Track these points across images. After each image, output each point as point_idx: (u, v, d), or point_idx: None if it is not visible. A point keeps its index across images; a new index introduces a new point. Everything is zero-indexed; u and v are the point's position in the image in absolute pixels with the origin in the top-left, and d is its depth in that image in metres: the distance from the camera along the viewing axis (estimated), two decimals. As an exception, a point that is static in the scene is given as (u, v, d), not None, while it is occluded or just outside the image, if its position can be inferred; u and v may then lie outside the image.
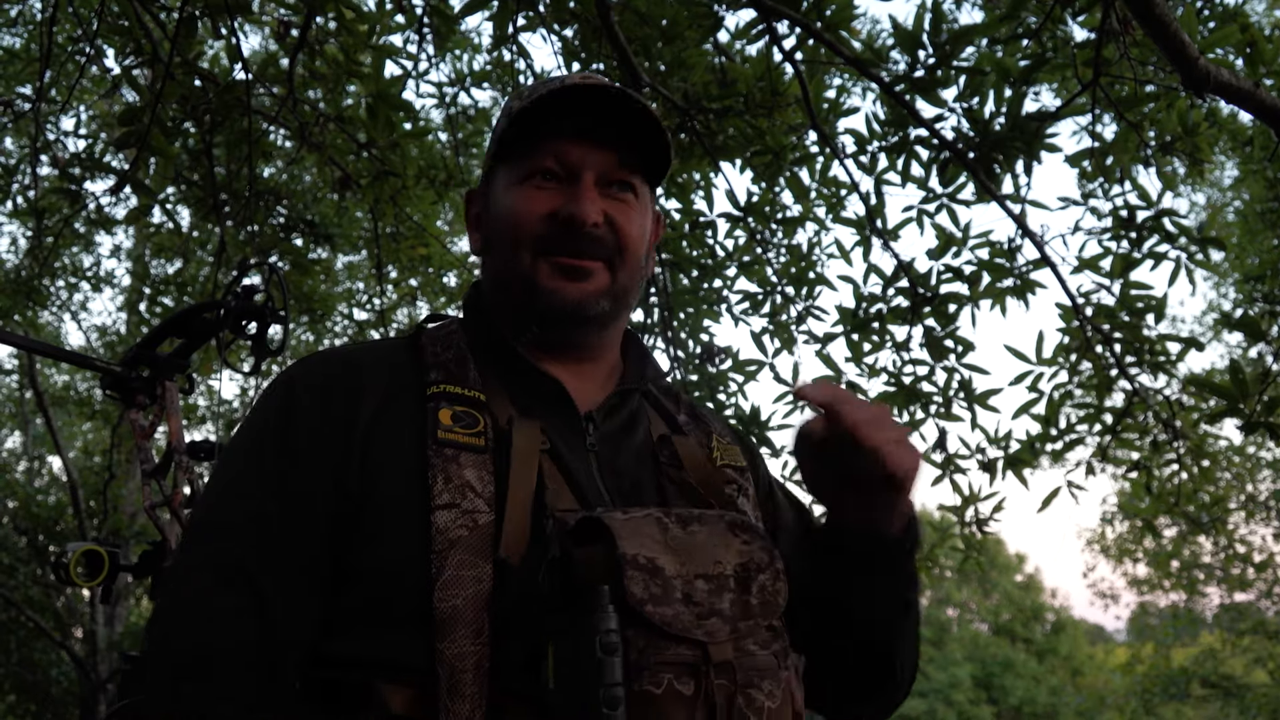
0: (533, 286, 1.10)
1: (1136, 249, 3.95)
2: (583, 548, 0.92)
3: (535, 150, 1.12)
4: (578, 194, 1.10)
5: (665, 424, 1.19)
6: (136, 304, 10.94)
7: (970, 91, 3.57)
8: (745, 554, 0.97)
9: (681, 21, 3.78)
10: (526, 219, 1.10)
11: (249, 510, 1.01)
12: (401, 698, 0.92)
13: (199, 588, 0.98)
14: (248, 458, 1.05)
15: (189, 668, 0.94)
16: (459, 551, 0.95)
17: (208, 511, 1.05)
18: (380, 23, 4.13)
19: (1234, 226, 9.63)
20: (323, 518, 1.00)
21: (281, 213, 5.69)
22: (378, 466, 1.01)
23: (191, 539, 1.05)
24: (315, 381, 1.06)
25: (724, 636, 0.91)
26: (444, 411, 1.03)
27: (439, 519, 0.96)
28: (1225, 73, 2.45)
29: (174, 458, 1.99)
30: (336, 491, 1.00)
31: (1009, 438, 4.39)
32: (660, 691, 0.87)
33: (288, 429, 1.03)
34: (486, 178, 1.20)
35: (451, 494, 0.98)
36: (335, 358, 1.11)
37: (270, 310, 2.09)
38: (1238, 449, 13.58)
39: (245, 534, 0.99)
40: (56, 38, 4.46)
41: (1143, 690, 15.70)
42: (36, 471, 13.70)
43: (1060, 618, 29.28)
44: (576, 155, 1.11)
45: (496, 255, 1.15)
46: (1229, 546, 15.07)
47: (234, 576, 0.97)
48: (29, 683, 9.96)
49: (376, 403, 1.04)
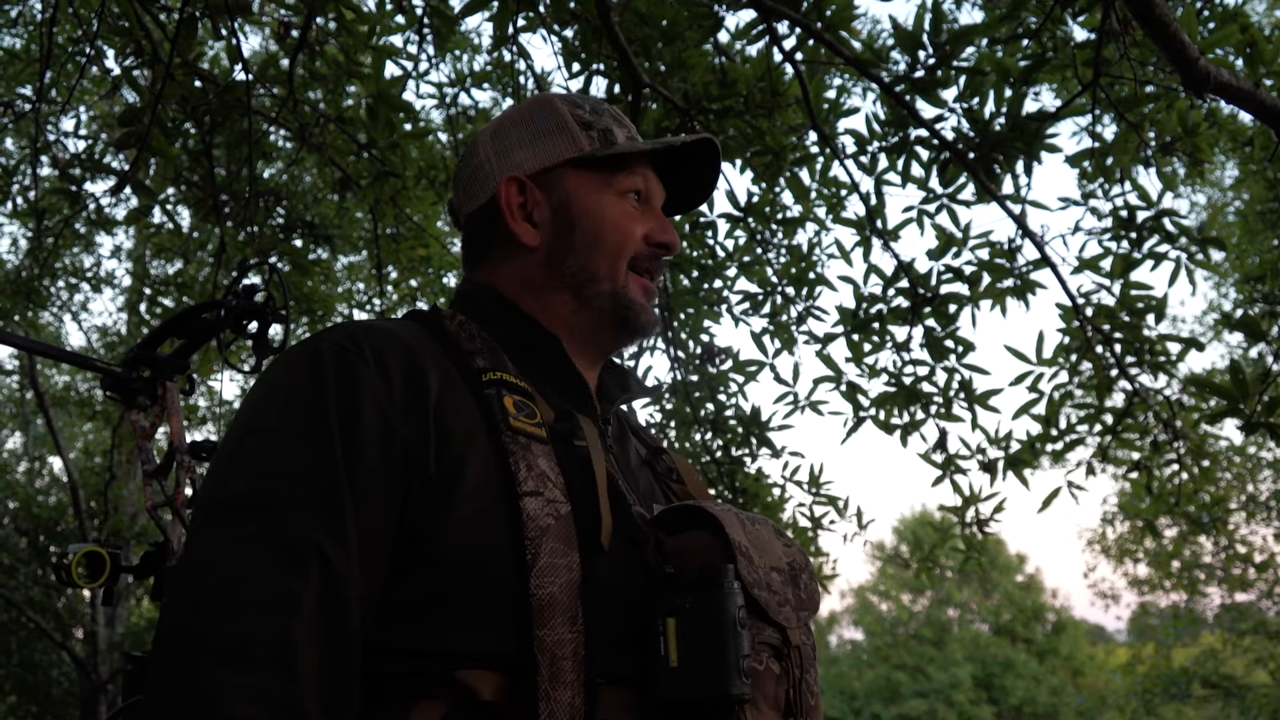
0: (624, 298, 1.15)
1: (1137, 249, 3.95)
2: (686, 532, 0.99)
3: (628, 168, 1.18)
4: (667, 223, 1.20)
5: (638, 439, 1.26)
6: (137, 304, 10.94)
7: (970, 92, 3.57)
8: (790, 554, 1.05)
9: (682, 22, 3.78)
10: (633, 233, 1.16)
11: (315, 486, 0.91)
12: (491, 685, 0.91)
13: (259, 567, 0.87)
14: (306, 429, 0.94)
15: (266, 661, 0.83)
16: (550, 539, 0.94)
17: (257, 482, 0.92)
18: (380, 23, 4.13)
19: (1234, 227, 9.63)
20: (398, 500, 0.94)
21: (281, 213, 5.70)
22: (457, 450, 0.97)
23: (236, 512, 0.90)
24: (371, 355, 0.99)
25: (795, 624, 1.00)
26: (508, 399, 1.03)
27: (528, 506, 0.95)
28: (1225, 73, 2.45)
29: (175, 458, 1.99)
30: (410, 470, 0.95)
31: (1009, 438, 4.39)
32: (762, 668, 0.95)
33: (354, 402, 0.95)
34: (545, 173, 1.17)
35: (535, 482, 0.97)
36: (382, 332, 1.03)
37: (271, 310, 2.09)
38: (1238, 449, 13.58)
39: (314, 510, 0.89)
40: (57, 38, 4.46)
41: (1143, 690, 15.69)
42: (37, 472, 13.70)
43: (1061, 618, 29.26)
44: (655, 186, 1.21)
45: (583, 257, 1.15)
46: (1230, 547, 15.07)
47: (305, 555, 0.87)
48: (30, 684, 9.97)
49: (438, 383, 1.00)
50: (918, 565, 5.67)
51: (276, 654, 0.84)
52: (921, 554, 5.79)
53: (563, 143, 1.17)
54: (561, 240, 1.15)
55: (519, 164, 1.17)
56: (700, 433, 4.84)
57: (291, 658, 0.84)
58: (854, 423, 4.43)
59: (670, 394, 4.81)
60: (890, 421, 4.42)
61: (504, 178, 1.17)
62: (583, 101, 1.21)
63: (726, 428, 4.82)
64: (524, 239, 1.15)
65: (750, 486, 4.77)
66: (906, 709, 25.91)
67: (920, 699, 25.99)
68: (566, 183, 1.16)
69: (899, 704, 26.09)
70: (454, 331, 1.10)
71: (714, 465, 4.77)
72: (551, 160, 1.17)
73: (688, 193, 1.27)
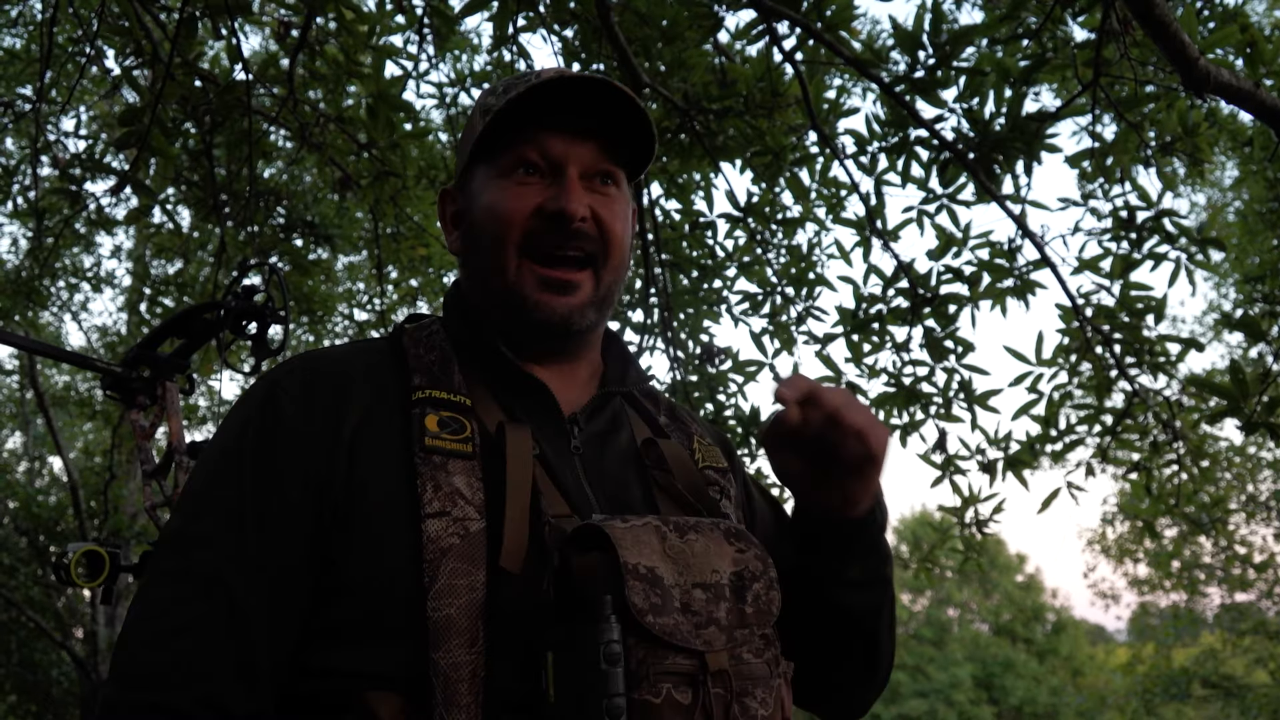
0: (519, 299, 1.08)
1: (1136, 249, 3.95)
2: (583, 555, 0.92)
3: (516, 144, 1.09)
4: (565, 188, 1.07)
5: (647, 426, 1.19)
6: (137, 304, 10.95)
7: (970, 92, 3.57)
8: (740, 562, 0.97)
9: (682, 22, 3.78)
10: (512, 215, 1.08)
11: (226, 520, 0.97)
12: (389, 707, 0.91)
13: (174, 597, 0.94)
14: (226, 465, 1.01)
15: (165, 679, 0.90)
16: (451, 560, 0.93)
17: (183, 521, 1.00)
18: (380, 23, 4.13)
19: (1234, 227, 9.63)
20: (304, 529, 0.97)
21: (282, 213, 5.70)
22: (364, 477, 0.98)
23: (166, 548, 0.99)
24: (296, 390, 1.02)
25: (720, 645, 0.91)
26: (430, 417, 1.01)
27: (430, 528, 0.94)
28: (1225, 73, 2.45)
29: (174, 458, 1.99)
30: (319, 504, 0.97)
31: (1009, 438, 4.40)
32: (659, 701, 0.87)
33: (268, 438, 1.00)
34: (463, 176, 1.16)
35: (441, 502, 0.96)
36: (318, 363, 1.06)
37: (270, 310, 2.09)
38: (1238, 449, 13.58)
39: (222, 544, 0.96)
40: (57, 38, 4.46)
41: (1143, 690, 15.69)
42: (37, 472, 13.71)
43: (1061, 618, 29.27)
44: (560, 149, 1.09)
45: (479, 255, 1.11)
46: (1229, 547, 15.07)
47: (211, 587, 0.94)
48: (30, 683, 9.97)
49: (361, 411, 1.01)
50: (917, 565, 5.67)
51: (183, 677, 0.90)
52: (921, 554, 5.79)
53: (469, 138, 1.14)
54: (465, 241, 1.15)
55: (456, 175, 1.19)
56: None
57: (195, 679, 0.91)
58: (854, 423, 4.42)
59: (670, 394, 4.81)
60: (890, 422, 4.42)
61: (440, 192, 1.21)
62: (501, 83, 1.14)
63: (726, 428, 4.82)
64: (450, 246, 1.18)
65: (750, 486, 4.76)
66: (906, 709, 25.91)
67: (920, 699, 25.99)
68: (472, 181, 1.14)
69: (899, 704, 26.09)
70: (407, 348, 1.09)
71: (714, 465, 4.77)
72: (463, 162, 1.16)
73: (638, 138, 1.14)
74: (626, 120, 1.11)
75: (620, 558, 0.89)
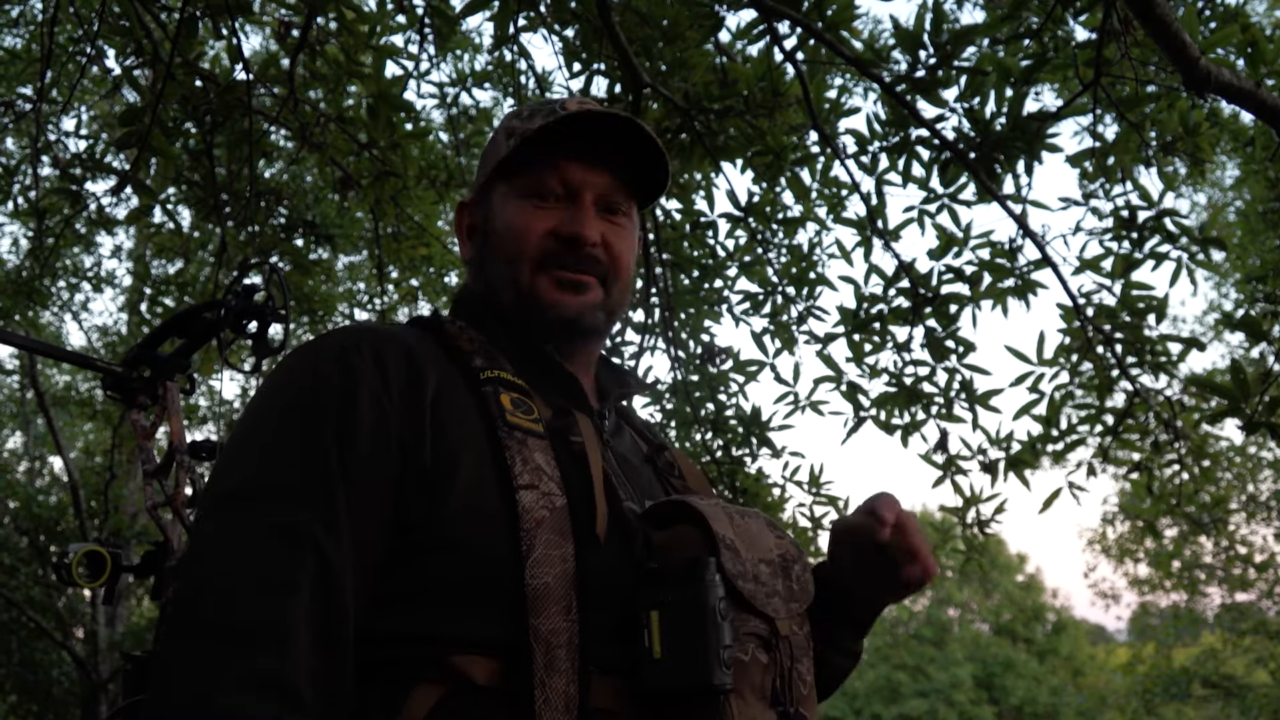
0: (533, 298, 1.15)
1: (1138, 249, 3.95)
2: (674, 527, 1.00)
3: (538, 169, 1.16)
4: (580, 214, 1.15)
5: (642, 435, 1.28)
6: (137, 304, 10.95)
7: (971, 92, 3.57)
8: (782, 546, 1.06)
9: (682, 22, 3.78)
10: (530, 235, 1.15)
11: (311, 475, 0.95)
12: (484, 669, 0.93)
13: (262, 553, 0.91)
14: (303, 421, 0.98)
15: (263, 642, 0.87)
16: (545, 531, 0.97)
17: (257, 472, 0.96)
18: (381, 23, 4.13)
19: (1235, 226, 9.63)
20: (389, 492, 0.97)
21: (282, 213, 5.70)
22: (451, 444, 1.00)
23: (235, 502, 0.95)
24: (370, 354, 1.03)
25: (784, 614, 1.01)
26: (504, 396, 1.06)
27: (524, 499, 0.97)
28: (1226, 73, 2.45)
29: (175, 458, 1.99)
30: (404, 466, 0.98)
31: (1010, 439, 4.39)
32: (748, 659, 0.96)
33: (349, 398, 0.99)
34: (482, 190, 1.23)
35: (530, 475, 0.99)
36: (382, 333, 1.07)
37: (271, 310, 2.09)
38: (1239, 449, 13.59)
39: (310, 499, 0.93)
40: (57, 38, 4.46)
41: (1144, 690, 15.69)
42: (38, 472, 13.71)
43: (1061, 618, 29.28)
44: (578, 177, 1.17)
45: (494, 267, 1.18)
46: (1230, 547, 15.07)
47: (302, 543, 0.91)
48: (30, 683, 9.97)
49: (435, 381, 1.04)
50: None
51: (273, 636, 0.88)
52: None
53: (492, 157, 1.21)
54: (480, 254, 1.21)
55: (474, 188, 1.26)
56: (700, 433, 4.83)
57: (287, 640, 0.88)
58: (854, 423, 4.43)
59: (670, 394, 4.80)
60: (891, 422, 4.41)
61: (459, 204, 1.27)
62: (525, 108, 1.21)
63: (727, 428, 4.82)
64: (463, 255, 1.25)
65: (750, 486, 4.76)
66: (907, 709, 25.92)
67: (921, 699, 25.99)
68: (491, 198, 1.21)
69: (899, 704, 26.10)
70: (454, 334, 1.14)
71: (714, 465, 4.76)
72: (483, 179, 1.23)
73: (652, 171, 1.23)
74: (642, 154, 1.19)
75: (712, 528, 0.99)
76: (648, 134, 1.17)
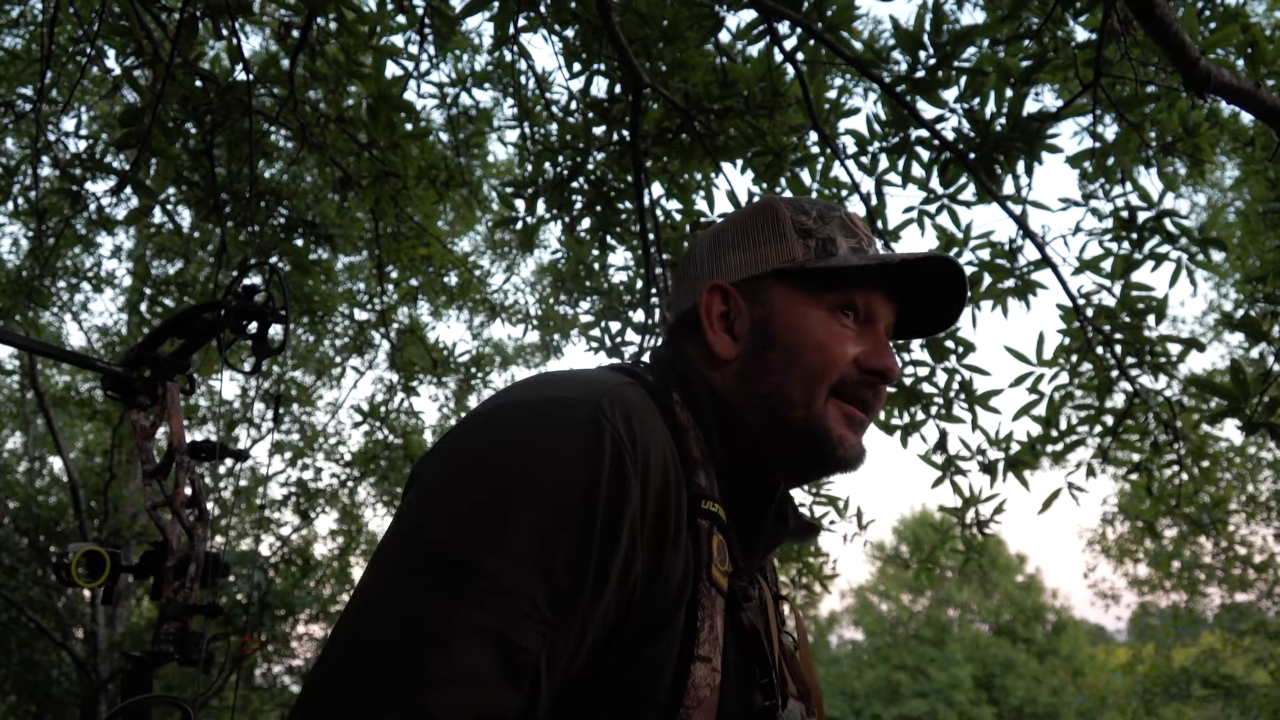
0: (821, 428, 1.02)
1: (1137, 250, 3.95)
2: None
3: (843, 283, 1.06)
4: (884, 347, 1.06)
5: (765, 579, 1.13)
6: (137, 304, 10.95)
7: (971, 92, 3.57)
8: None
9: (682, 22, 3.78)
10: (839, 357, 1.03)
11: (556, 600, 0.80)
12: None
13: (481, 665, 0.76)
14: (569, 533, 0.82)
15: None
16: (700, 713, 0.87)
17: (502, 563, 0.79)
18: (381, 23, 4.13)
19: (1235, 227, 9.63)
20: (603, 637, 0.84)
21: (282, 213, 5.69)
22: (672, 594, 0.88)
23: (456, 583, 0.78)
24: (641, 464, 0.87)
25: None
26: (716, 539, 0.92)
27: (696, 672, 0.87)
28: (1226, 73, 2.45)
29: (175, 458, 1.99)
30: (628, 614, 0.85)
31: (1010, 439, 4.39)
32: None
33: (615, 520, 0.83)
34: (753, 282, 1.08)
35: (709, 646, 0.88)
36: (650, 425, 0.90)
37: (271, 310, 2.09)
38: (1238, 449, 13.59)
39: (547, 625, 0.79)
40: (57, 38, 4.46)
41: (1144, 690, 15.69)
42: (37, 472, 13.71)
43: (1061, 618, 29.27)
44: (880, 307, 1.08)
45: (777, 378, 1.03)
46: (1230, 547, 15.08)
47: (522, 671, 0.78)
48: (30, 683, 9.97)
49: (676, 508, 0.90)
50: (918, 566, 5.67)
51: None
52: (922, 554, 5.79)
53: (776, 250, 1.08)
54: (758, 357, 1.05)
55: (728, 269, 1.10)
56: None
57: None
58: (854, 423, 4.43)
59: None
60: (890, 422, 4.42)
61: (708, 284, 1.09)
62: (810, 206, 1.11)
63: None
64: (719, 350, 1.06)
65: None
66: (907, 709, 25.92)
67: (920, 699, 26.00)
68: (773, 295, 1.06)
69: (899, 704, 26.10)
70: (684, 426, 0.98)
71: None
72: (761, 269, 1.08)
73: (929, 312, 1.14)
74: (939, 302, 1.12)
75: None
76: (965, 294, 1.10)
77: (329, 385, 13.03)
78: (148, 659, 1.81)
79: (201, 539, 1.92)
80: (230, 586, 10.61)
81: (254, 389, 11.78)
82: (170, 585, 1.88)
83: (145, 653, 1.81)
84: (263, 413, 11.73)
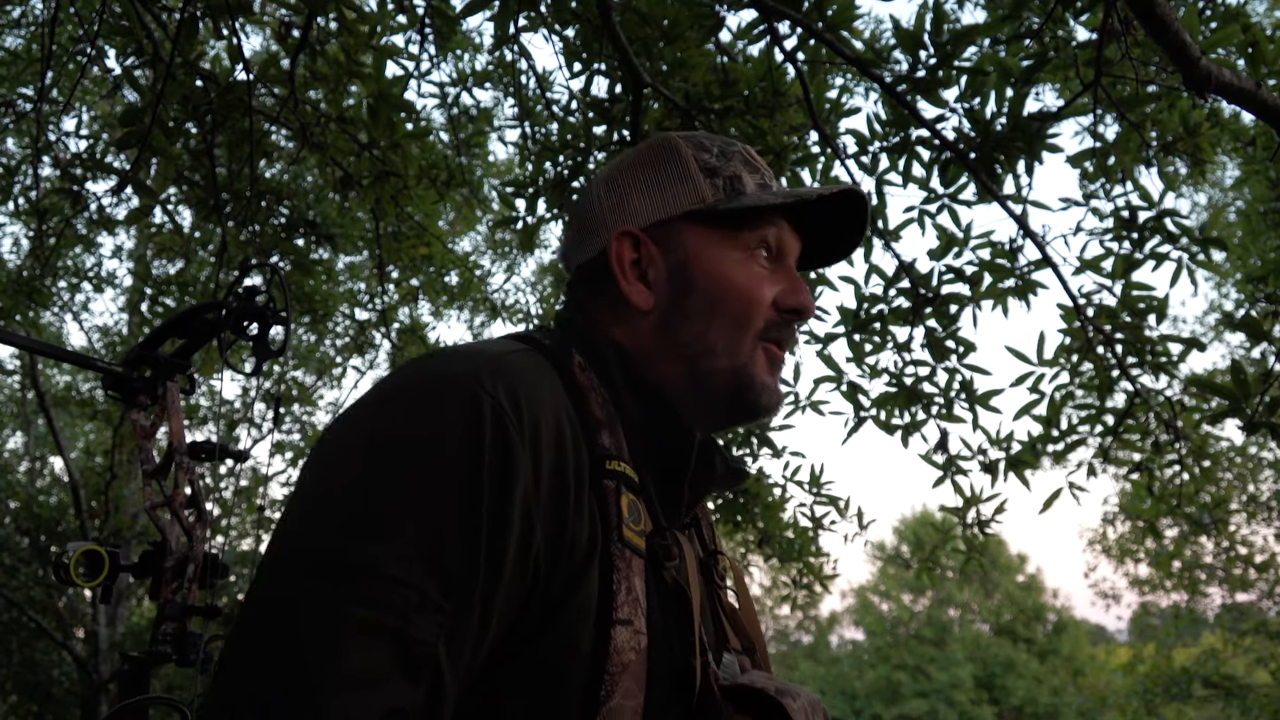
0: (746, 375, 1.00)
1: (1138, 249, 3.95)
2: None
3: (759, 224, 1.02)
4: (800, 284, 1.03)
5: (698, 536, 1.10)
6: (138, 304, 10.96)
7: (971, 92, 3.57)
8: None
9: (683, 22, 3.78)
10: (760, 299, 1.01)
11: (451, 586, 0.76)
12: None
13: (376, 663, 0.73)
14: (454, 517, 0.77)
15: None
16: (626, 678, 0.83)
17: (389, 556, 0.75)
18: (382, 23, 4.13)
19: (1236, 226, 9.62)
20: (513, 615, 0.81)
21: (283, 213, 5.70)
22: (579, 560, 0.84)
23: (341, 581, 0.74)
24: (529, 432, 0.82)
25: None
26: (624, 498, 0.88)
27: (618, 636, 0.84)
28: (1227, 73, 2.45)
29: (175, 458, 1.99)
30: (534, 586, 0.82)
31: (1010, 439, 4.39)
32: None
33: (504, 495, 0.79)
34: (662, 226, 1.03)
35: (629, 608, 0.85)
36: (537, 391, 0.86)
37: (272, 311, 2.09)
38: (1239, 449, 13.59)
39: (442, 614, 0.75)
40: (58, 38, 4.46)
41: (1144, 690, 15.69)
42: (38, 472, 13.72)
43: (1062, 618, 29.28)
44: (790, 241, 1.05)
45: (702, 326, 1.00)
46: (1230, 547, 15.07)
47: (420, 664, 0.74)
48: (30, 683, 9.98)
49: (576, 469, 0.86)
50: (918, 566, 5.67)
51: None
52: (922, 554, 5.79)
53: (684, 191, 1.03)
54: (677, 305, 1.01)
55: (634, 214, 1.04)
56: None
57: None
58: (855, 423, 4.43)
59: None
60: (891, 422, 4.42)
61: (616, 231, 1.03)
62: (709, 143, 1.07)
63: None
64: (635, 300, 1.01)
65: (752, 487, 4.77)
66: (907, 709, 25.93)
67: (921, 699, 26.01)
68: (686, 238, 1.02)
69: (900, 704, 26.11)
70: (584, 388, 0.94)
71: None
72: (670, 212, 1.03)
73: (829, 243, 1.11)
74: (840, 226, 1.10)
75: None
76: (866, 221, 1.09)
77: (330, 385, 13.04)
78: (146, 659, 1.81)
79: (200, 540, 1.93)
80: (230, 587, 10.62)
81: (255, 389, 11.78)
82: (169, 586, 1.88)
83: (143, 653, 1.81)
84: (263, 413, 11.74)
